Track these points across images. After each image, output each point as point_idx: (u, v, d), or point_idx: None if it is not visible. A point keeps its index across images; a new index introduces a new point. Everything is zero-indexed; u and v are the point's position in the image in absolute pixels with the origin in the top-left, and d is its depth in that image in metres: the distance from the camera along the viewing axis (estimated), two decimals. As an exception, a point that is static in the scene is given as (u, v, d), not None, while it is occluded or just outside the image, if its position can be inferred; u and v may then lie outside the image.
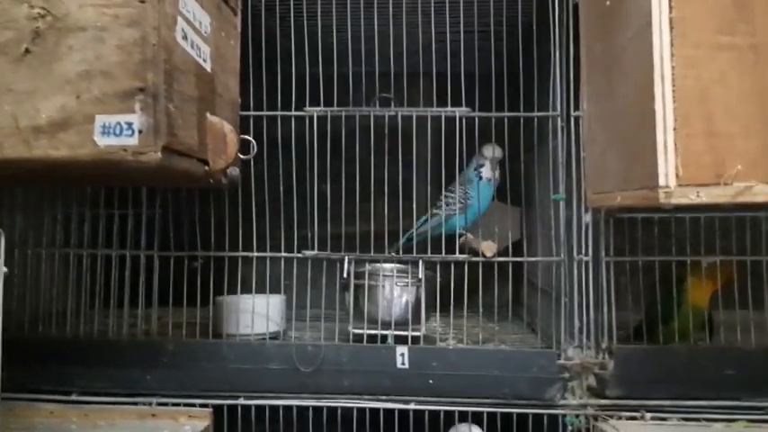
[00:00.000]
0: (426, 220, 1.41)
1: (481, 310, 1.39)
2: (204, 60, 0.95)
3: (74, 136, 0.77)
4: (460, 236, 1.29)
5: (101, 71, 0.77)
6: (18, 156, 0.78)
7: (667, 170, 0.78)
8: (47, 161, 0.78)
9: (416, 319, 1.18)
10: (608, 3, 0.95)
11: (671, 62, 0.78)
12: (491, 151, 1.40)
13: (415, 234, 1.39)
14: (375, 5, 1.19)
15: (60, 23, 0.78)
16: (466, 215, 1.33)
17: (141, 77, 0.77)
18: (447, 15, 1.17)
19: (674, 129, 0.78)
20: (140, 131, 0.77)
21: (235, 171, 1.04)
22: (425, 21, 1.25)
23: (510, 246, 1.37)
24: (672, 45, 0.78)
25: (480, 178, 1.40)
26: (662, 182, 0.78)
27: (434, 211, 1.41)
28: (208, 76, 0.96)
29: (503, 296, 1.44)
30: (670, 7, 0.78)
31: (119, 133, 0.77)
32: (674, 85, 0.78)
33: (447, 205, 1.39)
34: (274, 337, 1.24)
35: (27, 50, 0.78)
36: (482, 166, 1.41)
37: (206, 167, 0.94)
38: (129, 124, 0.77)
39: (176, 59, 0.84)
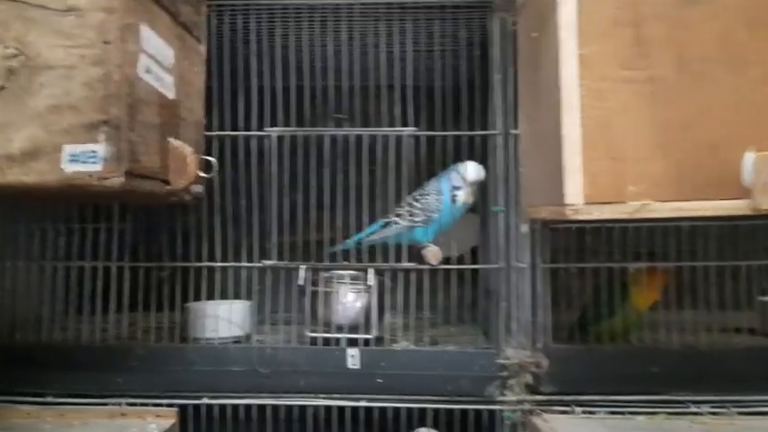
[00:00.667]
0: (383, 226, 1.37)
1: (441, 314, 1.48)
2: (167, 89, 1.04)
3: (44, 164, 0.86)
4: (422, 248, 1.32)
5: (68, 105, 0.86)
6: (-8, 181, 0.87)
7: (574, 190, 0.88)
8: (19, 186, 0.86)
9: (369, 323, 1.27)
10: (534, 35, 1.05)
11: (579, 93, 0.88)
12: (475, 174, 1.31)
13: (361, 239, 1.38)
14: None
15: (32, 62, 0.86)
16: (427, 229, 1.33)
17: (105, 111, 0.86)
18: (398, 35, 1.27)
19: (581, 153, 0.88)
20: (104, 159, 0.86)
21: (198, 188, 1.13)
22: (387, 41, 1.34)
23: (470, 252, 1.47)
24: (580, 78, 0.88)
25: (455, 201, 1.33)
26: (569, 200, 0.88)
27: (393, 218, 1.36)
28: (171, 103, 1.05)
29: (464, 300, 1.54)
30: (578, 44, 0.88)
31: (85, 161, 0.86)
32: (581, 114, 0.88)
33: (411, 215, 1.34)
34: (238, 341, 1.33)
35: (2, 87, 0.86)
36: (459, 188, 1.32)
37: (168, 187, 1.03)
38: (94, 153, 0.86)
39: (139, 92, 0.93)
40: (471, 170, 1.31)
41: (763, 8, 0.86)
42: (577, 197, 0.88)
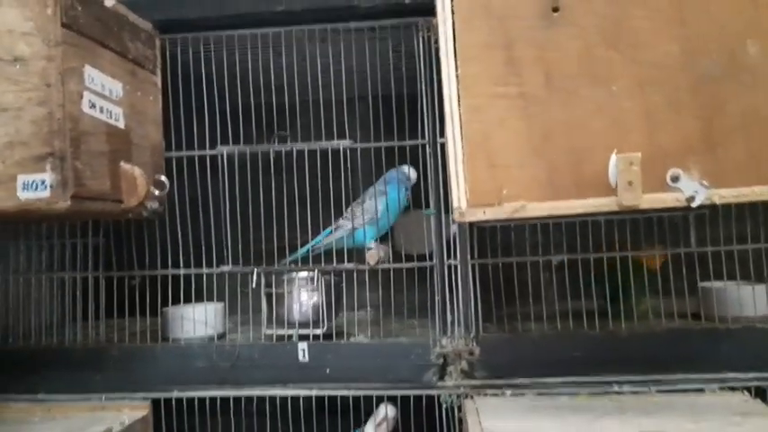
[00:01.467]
0: (330, 233, 1.53)
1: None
2: (116, 120, 1.17)
3: (2, 192, 1.00)
4: (368, 249, 1.47)
5: (20, 141, 1.00)
6: (-39, 208, 1.01)
7: (459, 194, 0.99)
8: (-17, 212, 1.01)
9: (321, 319, 1.40)
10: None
11: (458, 109, 0.99)
12: (409, 175, 1.54)
13: (312, 246, 1.52)
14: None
15: (-11, 106, 1.01)
16: (369, 228, 1.50)
17: (50, 144, 1.00)
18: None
19: (463, 162, 0.99)
20: (51, 186, 1.00)
21: (154, 204, 1.26)
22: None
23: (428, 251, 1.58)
24: (459, 96, 0.99)
25: (394, 198, 1.52)
26: (456, 204, 0.99)
27: (340, 222, 1.53)
28: (121, 131, 1.19)
29: (422, 296, 1.65)
30: (456, 66, 0.99)
31: (35, 188, 1.00)
32: (462, 127, 0.99)
33: (355, 217, 1.50)
34: (213, 339, 1.46)
35: (-36, 127, 1.01)
36: (399, 187, 1.53)
37: (122, 205, 1.17)
38: (43, 181, 1.00)
39: (83, 126, 1.07)
40: (406, 172, 1.52)
41: (619, 27, 0.96)
42: (463, 201, 0.99)
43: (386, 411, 1.36)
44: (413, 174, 1.55)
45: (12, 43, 1.01)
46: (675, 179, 0.95)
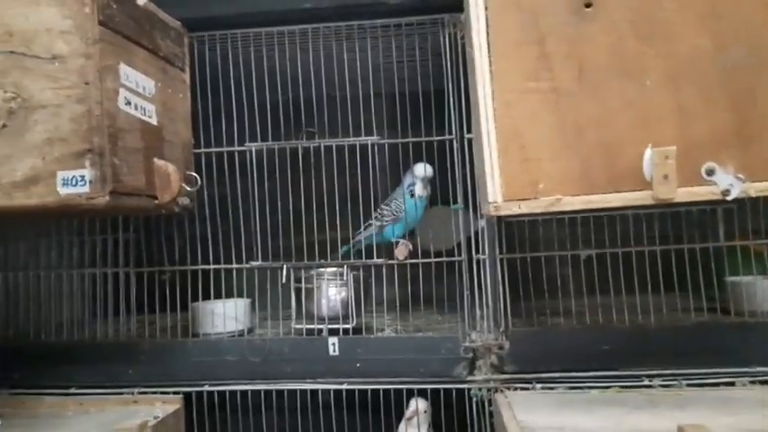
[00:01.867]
0: (363, 231, 1.59)
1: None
2: (149, 117, 1.19)
3: (42, 188, 1.02)
4: (396, 243, 1.50)
5: (59, 138, 1.02)
6: (2, 205, 1.03)
7: (495, 189, 1.00)
8: (23, 208, 1.03)
9: (350, 314, 1.41)
10: (469, 49, 1.17)
11: (492, 105, 1.00)
12: (422, 171, 1.54)
13: (353, 244, 1.59)
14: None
15: (27, 103, 1.03)
16: (394, 226, 1.54)
17: (89, 141, 1.02)
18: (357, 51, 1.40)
19: (498, 156, 0.99)
20: (91, 182, 1.02)
21: (185, 200, 1.28)
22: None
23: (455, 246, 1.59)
24: (492, 91, 1.00)
25: (413, 195, 1.55)
26: (491, 198, 1.00)
27: (370, 221, 1.58)
28: (154, 128, 1.21)
29: (452, 291, 1.66)
30: (489, 62, 1.00)
31: (75, 184, 1.02)
32: (495, 123, 1.00)
33: (383, 217, 1.57)
34: (241, 334, 1.48)
35: (4, 125, 1.03)
36: (414, 184, 1.55)
37: (155, 201, 1.19)
38: (83, 177, 1.02)
39: (120, 122, 1.08)
40: (419, 168, 1.53)
41: (650, 20, 0.96)
42: (497, 195, 1.00)
43: (416, 405, 1.37)
44: (428, 170, 1.54)
45: (50, 41, 1.03)
46: (710, 172, 0.95)
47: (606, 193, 0.98)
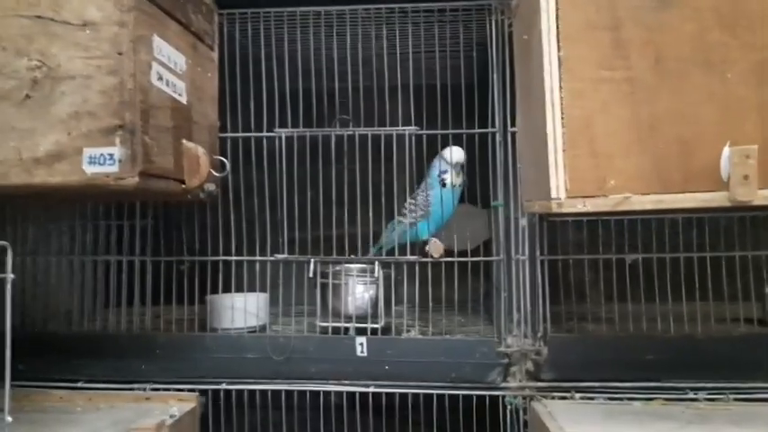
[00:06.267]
0: (394, 228, 1.48)
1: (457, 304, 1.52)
2: (180, 95, 1.11)
3: (66, 165, 0.94)
4: (425, 243, 1.39)
5: (87, 112, 0.94)
6: (22, 182, 0.94)
7: (558, 184, 0.93)
8: (45, 186, 0.94)
9: (377, 313, 1.34)
10: (525, 37, 1.10)
11: (559, 94, 0.93)
12: (456, 155, 1.40)
13: (385, 243, 1.49)
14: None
15: (54, 73, 0.94)
16: (428, 222, 1.42)
17: (120, 116, 0.94)
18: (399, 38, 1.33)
19: (563, 150, 0.92)
20: (120, 161, 0.93)
21: (211, 187, 1.20)
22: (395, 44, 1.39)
23: (481, 246, 1.52)
24: (560, 79, 0.93)
25: (444, 185, 1.41)
26: (554, 194, 0.93)
27: (399, 218, 1.47)
28: (184, 107, 1.13)
29: (476, 292, 1.59)
30: (558, 47, 0.93)
31: (102, 163, 0.94)
32: (562, 113, 0.93)
33: (411, 212, 1.44)
34: (255, 330, 1.40)
35: (27, 96, 0.94)
36: (445, 172, 1.41)
37: (183, 186, 1.11)
38: (111, 155, 0.94)
39: (152, 98, 1.00)
40: (451, 152, 1.39)
41: (736, 10, 0.90)
42: (561, 191, 0.93)
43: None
44: (461, 154, 1.41)
45: (81, 6, 0.95)
46: (795, 175, 0.88)
47: (679, 192, 0.92)
